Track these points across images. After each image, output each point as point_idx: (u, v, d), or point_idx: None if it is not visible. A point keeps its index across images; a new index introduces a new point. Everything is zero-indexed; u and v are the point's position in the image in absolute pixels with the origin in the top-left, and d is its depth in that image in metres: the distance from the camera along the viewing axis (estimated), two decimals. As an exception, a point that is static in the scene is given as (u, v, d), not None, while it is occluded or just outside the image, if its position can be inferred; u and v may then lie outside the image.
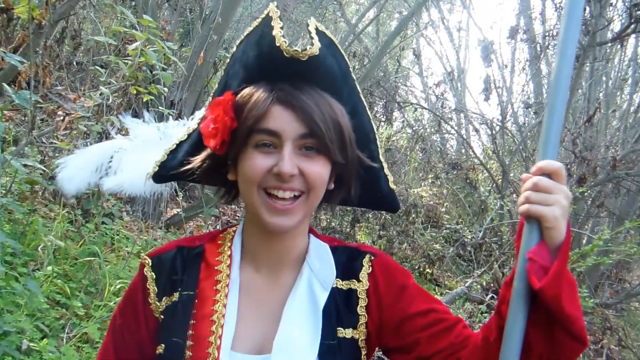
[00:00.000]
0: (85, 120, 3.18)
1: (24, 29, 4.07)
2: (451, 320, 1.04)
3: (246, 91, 0.98)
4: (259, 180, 0.95)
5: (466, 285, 5.26)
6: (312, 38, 0.94)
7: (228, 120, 0.96)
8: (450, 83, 9.03)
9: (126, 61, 3.06)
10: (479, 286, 5.27)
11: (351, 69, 1.06)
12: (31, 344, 2.37)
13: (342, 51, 1.03)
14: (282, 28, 0.94)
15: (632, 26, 5.17)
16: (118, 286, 3.14)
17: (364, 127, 1.06)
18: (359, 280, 1.05)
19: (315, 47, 0.92)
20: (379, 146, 1.10)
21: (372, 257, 1.08)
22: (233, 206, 6.26)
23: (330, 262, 1.06)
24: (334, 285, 1.04)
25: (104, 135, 3.65)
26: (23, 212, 3.12)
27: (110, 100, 3.37)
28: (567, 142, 6.68)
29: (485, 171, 7.42)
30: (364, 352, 1.04)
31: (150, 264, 1.06)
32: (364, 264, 1.07)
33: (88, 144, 3.66)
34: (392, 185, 1.12)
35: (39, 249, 3.09)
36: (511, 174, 7.32)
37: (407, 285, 1.07)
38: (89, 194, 3.62)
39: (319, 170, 0.96)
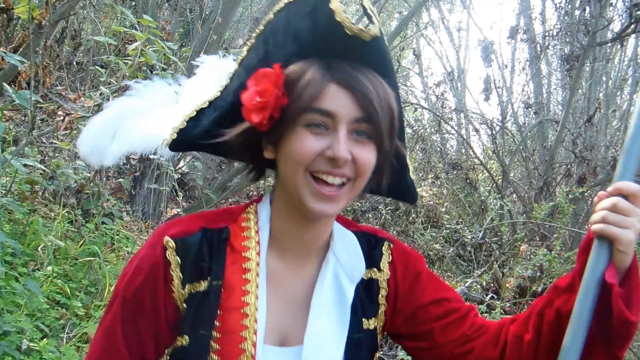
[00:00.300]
0: (85, 120, 3.17)
1: (24, 29, 4.07)
2: (464, 310, 1.05)
3: (298, 66, 0.90)
4: (307, 162, 0.88)
5: (466, 285, 5.26)
6: (372, 17, 0.87)
7: (275, 95, 0.88)
8: (450, 83, 9.03)
9: (126, 61, 3.06)
10: (478, 286, 5.27)
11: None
12: (31, 344, 2.37)
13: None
14: (341, 1, 0.86)
15: (632, 26, 5.17)
16: (118, 286, 3.14)
17: (400, 117, 0.99)
18: (379, 270, 1.04)
19: (377, 28, 0.85)
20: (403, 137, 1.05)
21: (391, 245, 1.06)
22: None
23: (359, 254, 1.02)
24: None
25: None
26: (23, 212, 3.12)
27: (111, 100, 3.37)
28: (568, 142, 6.68)
29: (485, 171, 7.42)
30: (379, 338, 1.05)
31: (174, 247, 0.94)
32: (383, 252, 1.05)
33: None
34: (412, 176, 1.09)
35: (39, 249, 3.09)
36: (511, 174, 7.32)
37: (421, 272, 1.07)
38: (88, 194, 3.62)
39: (369, 157, 0.91)
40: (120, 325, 0.95)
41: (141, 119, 1.12)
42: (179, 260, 0.94)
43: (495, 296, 5.04)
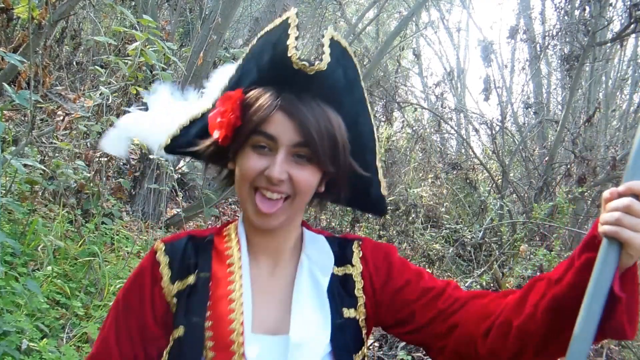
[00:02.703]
0: (85, 120, 3.18)
1: (24, 29, 4.07)
2: (439, 287, 1.09)
3: (254, 93, 1.03)
4: (250, 179, 1.01)
5: (466, 285, 5.26)
6: (322, 53, 0.99)
7: (233, 118, 1.02)
8: (450, 83, 9.03)
9: (126, 61, 3.06)
10: (478, 286, 5.27)
11: (361, 78, 1.09)
12: (31, 344, 2.37)
13: (355, 61, 1.07)
14: (297, 38, 0.98)
15: (632, 26, 5.17)
16: (118, 286, 3.14)
17: (363, 138, 1.10)
18: (352, 265, 1.12)
19: (323, 63, 0.97)
20: (377, 153, 1.13)
21: (360, 242, 1.16)
22: (233, 206, 6.26)
23: (328, 250, 1.12)
24: (332, 272, 1.10)
25: (103, 135, 3.65)
26: (23, 212, 3.12)
27: (110, 100, 3.37)
28: (567, 142, 6.68)
29: (485, 171, 7.42)
30: (364, 332, 1.10)
31: (163, 249, 1.10)
32: (354, 249, 1.14)
33: (88, 144, 3.66)
34: (383, 192, 1.16)
35: (39, 249, 3.09)
36: (511, 174, 7.32)
37: (392, 261, 1.13)
38: (88, 194, 3.62)
39: (307, 177, 1.02)
40: (114, 327, 1.08)
41: (148, 122, 1.26)
42: (167, 260, 1.08)
43: (495, 296, 5.03)
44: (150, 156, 3.97)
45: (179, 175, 4.22)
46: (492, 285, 5.31)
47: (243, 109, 1.03)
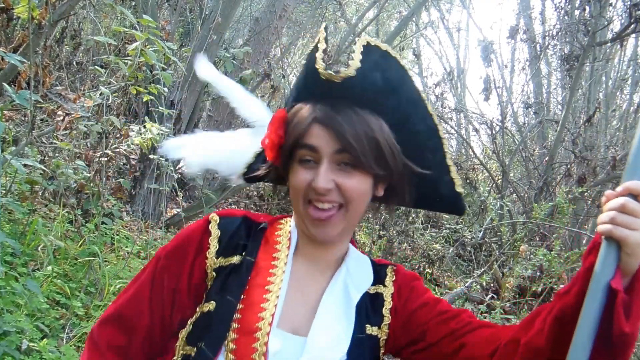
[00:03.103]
0: (85, 120, 3.18)
1: (24, 29, 4.07)
2: (454, 311, 1.11)
3: (295, 109, 1.07)
4: (302, 192, 1.03)
5: (466, 285, 5.26)
6: (351, 59, 1.00)
7: (276, 137, 1.06)
8: (450, 83, 9.03)
9: (126, 61, 3.06)
10: (478, 286, 5.27)
11: (411, 78, 1.09)
12: (31, 344, 2.37)
13: (400, 62, 1.06)
14: (324, 51, 1.01)
15: (632, 26, 5.17)
16: (118, 286, 3.14)
17: (417, 137, 1.08)
18: (384, 286, 1.15)
19: (351, 70, 0.98)
20: (444, 151, 1.11)
21: (394, 268, 1.19)
22: (233, 206, 6.26)
23: (369, 270, 1.15)
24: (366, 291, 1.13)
25: (103, 135, 3.66)
26: (23, 212, 3.12)
27: (110, 100, 3.37)
28: (567, 142, 6.69)
29: (485, 171, 7.42)
30: (381, 352, 1.12)
31: (218, 221, 1.12)
32: (387, 272, 1.18)
33: (88, 144, 3.66)
34: (458, 189, 1.14)
35: (39, 249, 3.09)
36: (511, 174, 7.33)
37: (415, 285, 1.17)
38: (88, 194, 3.62)
39: (356, 184, 1.03)
40: (149, 284, 1.10)
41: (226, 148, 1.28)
42: (219, 233, 1.10)
43: (495, 296, 5.04)
44: (150, 156, 3.96)
45: (179, 175, 4.22)
46: (492, 285, 5.31)
47: (286, 127, 1.06)
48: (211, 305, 1.04)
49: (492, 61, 8.06)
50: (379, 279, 1.16)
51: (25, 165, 2.98)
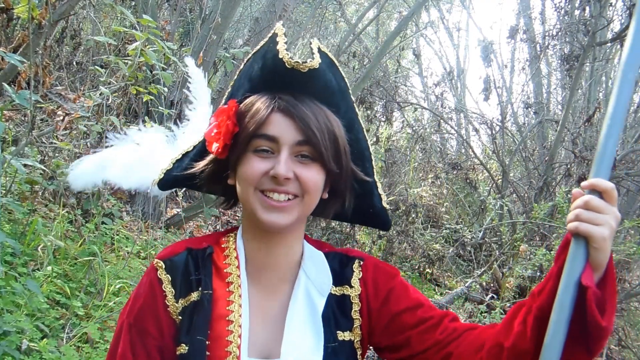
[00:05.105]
0: (85, 120, 3.18)
1: (24, 29, 4.07)
2: (437, 317, 1.08)
3: (249, 99, 1.04)
4: (256, 182, 1.00)
5: (466, 285, 5.26)
6: (313, 53, 1.00)
7: (230, 124, 1.02)
8: (450, 83, 9.03)
9: (126, 61, 3.06)
10: (478, 286, 5.28)
11: (350, 91, 1.10)
12: (31, 344, 2.37)
13: (342, 73, 1.08)
14: (286, 43, 1.00)
15: (632, 26, 5.16)
16: (118, 286, 3.14)
17: (359, 144, 1.10)
18: (351, 286, 1.11)
19: (315, 61, 0.98)
20: (373, 165, 1.14)
21: (361, 262, 1.14)
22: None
23: (327, 269, 1.11)
24: (330, 292, 1.09)
25: (103, 135, 3.65)
26: (23, 212, 3.12)
27: (110, 100, 3.37)
28: (567, 142, 6.68)
29: (485, 171, 7.42)
30: (359, 352, 1.09)
31: (163, 266, 1.07)
32: (354, 269, 1.13)
33: (88, 144, 3.66)
34: (385, 205, 1.15)
35: (39, 249, 3.09)
36: (511, 174, 7.32)
37: (394, 285, 1.12)
38: (88, 194, 3.62)
39: (314, 175, 1.01)
40: (130, 351, 1.04)
41: (135, 161, 1.26)
42: (170, 278, 1.06)
43: (495, 296, 5.04)
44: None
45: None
46: (492, 285, 5.31)
47: (239, 117, 1.03)
48: (182, 349, 1.02)
49: (492, 61, 8.07)
50: (344, 277, 1.11)
51: (25, 165, 2.98)
